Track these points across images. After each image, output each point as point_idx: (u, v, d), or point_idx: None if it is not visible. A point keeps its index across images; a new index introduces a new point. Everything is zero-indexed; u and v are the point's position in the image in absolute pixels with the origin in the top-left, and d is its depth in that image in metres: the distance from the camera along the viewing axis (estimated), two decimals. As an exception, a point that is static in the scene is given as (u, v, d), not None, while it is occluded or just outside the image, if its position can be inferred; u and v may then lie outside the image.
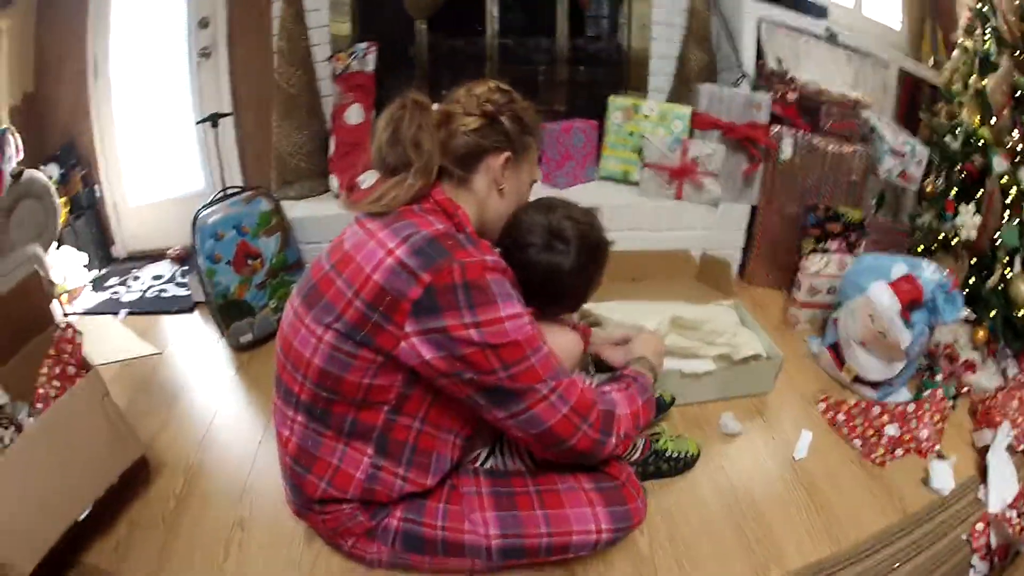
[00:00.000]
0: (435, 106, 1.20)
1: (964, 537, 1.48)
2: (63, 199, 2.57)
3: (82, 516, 1.37)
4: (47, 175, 2.48)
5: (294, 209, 2.41)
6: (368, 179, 2.33)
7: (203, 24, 2.66)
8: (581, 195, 1.84)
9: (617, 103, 2.61)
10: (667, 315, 1.89)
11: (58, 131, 2.71)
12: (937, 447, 1.74)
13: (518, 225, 1.31)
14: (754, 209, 2.58)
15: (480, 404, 1.11)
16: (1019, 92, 2.03)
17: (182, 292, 2.53)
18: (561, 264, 1.30)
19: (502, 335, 1.04)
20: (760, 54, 2.66)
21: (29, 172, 2.35)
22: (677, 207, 2.54)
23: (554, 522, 1.24)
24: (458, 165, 1.19)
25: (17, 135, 2.35)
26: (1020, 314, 1.97)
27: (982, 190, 2.12)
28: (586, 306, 1.90)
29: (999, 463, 1.64)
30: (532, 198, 1.38)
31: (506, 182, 1.23)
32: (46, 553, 1.27)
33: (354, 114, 2.45)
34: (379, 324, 1.04)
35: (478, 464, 1.36)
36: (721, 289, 2.27)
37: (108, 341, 2.20)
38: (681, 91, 2.70)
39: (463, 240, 1.08)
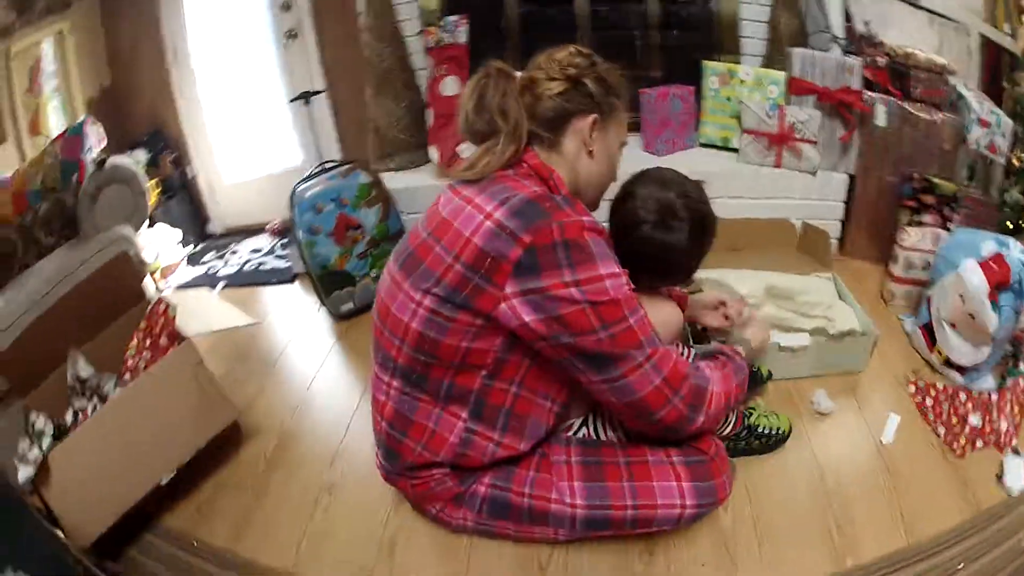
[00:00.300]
0: (519, 74, 1.21)
1: None
2: (153, 181, 2.66)
3: (165, 480, 1.43)
4: (135, 160, 2.58)
5: (394, 180, 2.45)
6: (467, 149, 2.36)
7: (285, 7, 2.71)
8: (682, 162, 1.82)
9: (713, 68, 2.57)
10: (762, 284, 1.87)
11: (143, 118, 2.82)
12: (1014, 441, 1.66)
13: (631, 199, 1.33)
14: (852, 178, 2.50)
15: (576, 367, 1.12)
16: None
17: (281, 264, 2.61)
18: (675, 242, 1.31)
19: (602, 293, 1.05)
20: (848, 17, 2.56)
21: (114, 159, 2.44)
22: (776, 175, 2.49)
23: (640, 494, 1.25)
24: (546, 129, 1.20)
25: (98, 125, 2.43)
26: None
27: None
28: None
29: (1068, 466, 1.57)
30: (641, 166, 1.40)
31: (594, 144, 1.23)
32: (119, 517, 1.33)
33: (449, 86, 2.47)
34: (479, 286, 1.06)
35: (571, 433, 1.37)
36: (820, 260, 2.22)
37: (205, 313, 2.28)
38: (774, 55, 2.63)
39: (560, 201, 1.09)
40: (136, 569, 1.38)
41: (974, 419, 1.70)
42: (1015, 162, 2.28)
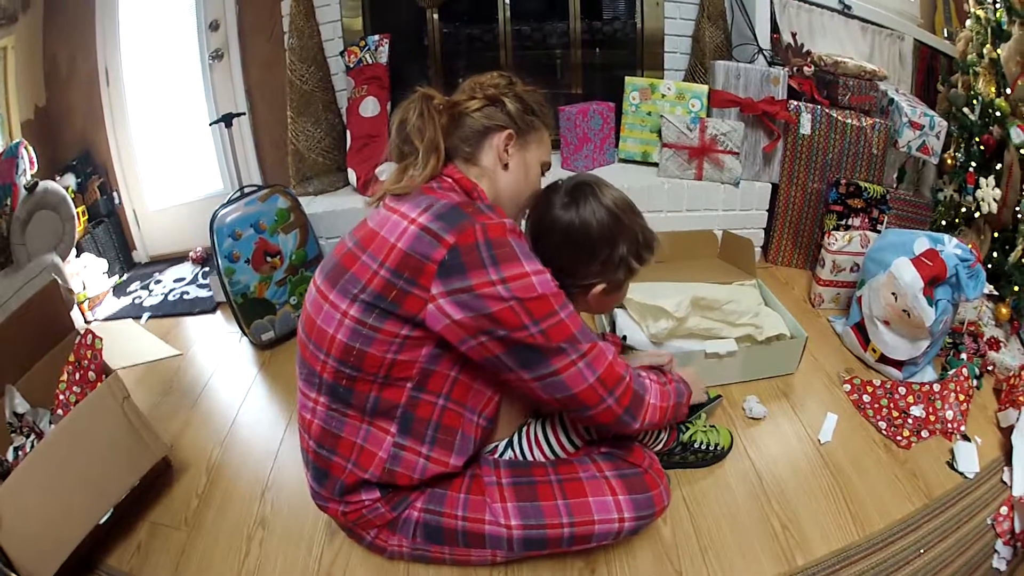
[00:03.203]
0: (445, 98, 1.25)
1: (988, 521, 1.44)
2: (81, 208, 2.59)
3: (103, 519, 1.38)
4: (64, 185, 2.51)
5: (313, 204, 2.42)
6: (386, 170, 2.34)
7: (213, 27, 2.68)
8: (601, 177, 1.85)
9: (634, 83, 2.59)
10: (689, 295, 1.86)
11: (73, 141, 2.74)
12: (962, 428, 1.70)
13: (544, 192, 1.32)
14: (775, 187, 2.54)
15: (507, 365, 1.10)
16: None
17: (204, 293, 2.56)
18: (589, 221, 1.25)
19: (529, 289, 1.04)
20: (775, 28, 2.62)
21: (43, 184, 2.38)
22: (697, 187, 2.52)
23: (576, 511, 1.23)
24: (465, 144, 1.24)
25: (30, 148, 2.38)
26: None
27: (1000, 163, 2.08)
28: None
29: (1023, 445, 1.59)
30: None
31: (510, 159, 1.26)
32: (65, 559, 1.27)
33: (369, 107, 2.46)
34: (405, 289, 1.04)
35: (496, 456, 1.35)
36: (744, 268, 2.23)
37: (130, 345, 2.23)
38: (697, 69, 2.68)
39: (482, 207, 1.10)
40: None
41: (916, 411, 1.73)
42: (949, 161, 2.34)
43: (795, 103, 2.40)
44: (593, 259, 1.28)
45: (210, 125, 2.52)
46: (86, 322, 2.42)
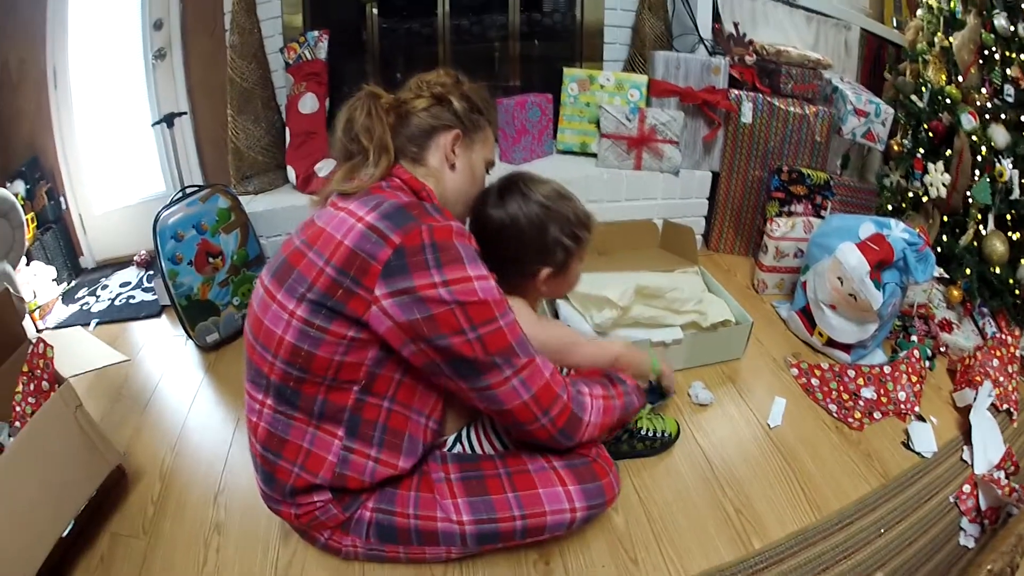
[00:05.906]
0: (390, 96, 1.25)
1: (951, 500, 1.48)
2: (30, 214, 2.53)
3: (65, 532, 1.35)
4: (13, 192, 2.44)
5: (254, 203, 2.39)
6: (325, 167, 2.31)
7: (157, 26, 2.62)
8: (539, 169, 1.83)
9: (573, 74, 2.60)
10: (632, 284, 1.87)
11: (22, 146, 2.66)
12: (916, 408, 1.74)
13: (480, 195, 1.35)
14: (716, 176, 2.57)
15: (445, 374, 1.11)
16: (987, 50, 2.03)
17: (149, 297, 2.51)
18: (516, 215, 1.32)
19: (470, 293, 1.05)
20: (716, 18, 2.64)
21: (-8, 190, 2.31)
22: (637, 177, 2.53)
23: (526, 503, 1.24)
24: (411, 143, 1.23)
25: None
26: (996, 271, 1.98)
27: (949, 149, 2.13)
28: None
29: (982, 423, 1.64)
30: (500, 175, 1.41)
31: (457, 159, 1.26)
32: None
33: (308, 103, 2.43)
34: (350, 289, 1.04)
35: (445, 450, 1.35)
36: (686, 256, 2.25)
37: (79, 352, 2.17)
38: (637, 60, 2.69)
39: (430, 208, 1.10)
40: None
41: (867, 392, 1.77)
42: (896, 148, 2.39)
43: (736, 92, 2.42)
44: (528, 247, 1.33)
45: (152, 126, 2.48)
46: (37, 331, 2.36)
